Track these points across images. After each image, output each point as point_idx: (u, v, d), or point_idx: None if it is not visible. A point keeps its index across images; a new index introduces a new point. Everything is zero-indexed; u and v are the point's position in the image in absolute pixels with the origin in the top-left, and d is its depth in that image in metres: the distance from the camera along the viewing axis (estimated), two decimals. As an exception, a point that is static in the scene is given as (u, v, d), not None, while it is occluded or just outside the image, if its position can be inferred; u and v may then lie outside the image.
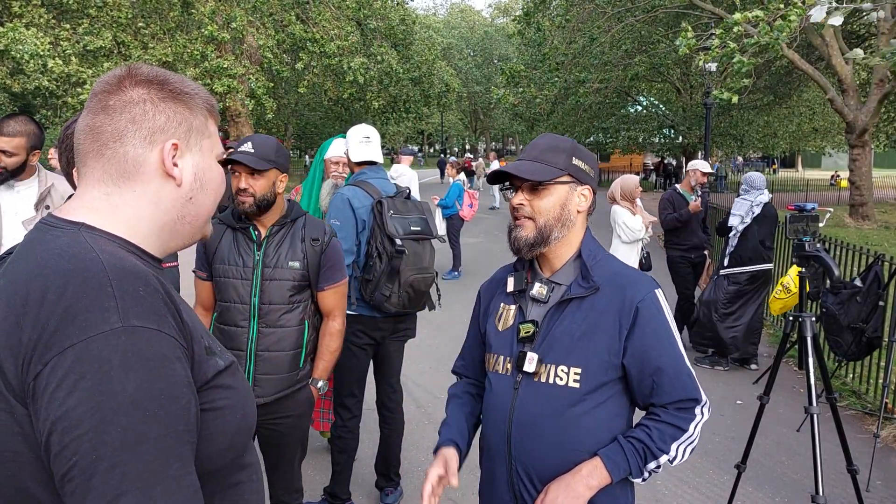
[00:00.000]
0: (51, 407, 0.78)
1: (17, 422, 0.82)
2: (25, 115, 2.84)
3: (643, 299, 1.55)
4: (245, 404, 0.99)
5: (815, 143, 34.29)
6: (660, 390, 1.56)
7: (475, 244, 12.95)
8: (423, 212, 3.23)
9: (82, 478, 0.77)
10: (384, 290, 3.05)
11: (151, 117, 0.95)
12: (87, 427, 0.77)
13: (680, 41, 10.86)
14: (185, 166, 0.99)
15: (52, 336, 0.79)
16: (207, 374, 0.93)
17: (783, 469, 4.01)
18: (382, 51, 20.16)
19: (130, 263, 0.89)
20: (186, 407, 0.85)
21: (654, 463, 1.56)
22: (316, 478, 3.73)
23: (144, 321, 0.83)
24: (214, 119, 1.05)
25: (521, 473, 1.60)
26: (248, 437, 1.02)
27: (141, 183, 0.95)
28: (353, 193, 3.13)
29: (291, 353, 2.49)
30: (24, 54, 13.14)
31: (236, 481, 1.01)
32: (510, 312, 1.68)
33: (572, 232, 1.62)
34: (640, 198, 5.87)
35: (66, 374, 0.78)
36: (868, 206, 15.75)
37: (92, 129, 0.95)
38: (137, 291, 0.85)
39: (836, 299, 4.34)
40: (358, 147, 3.30)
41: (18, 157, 2.79)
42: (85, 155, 0.96)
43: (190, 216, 1.01)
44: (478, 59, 51.61)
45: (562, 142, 1.64)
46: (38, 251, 0.89)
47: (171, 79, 0.99)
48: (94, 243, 0.89)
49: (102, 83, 0.97)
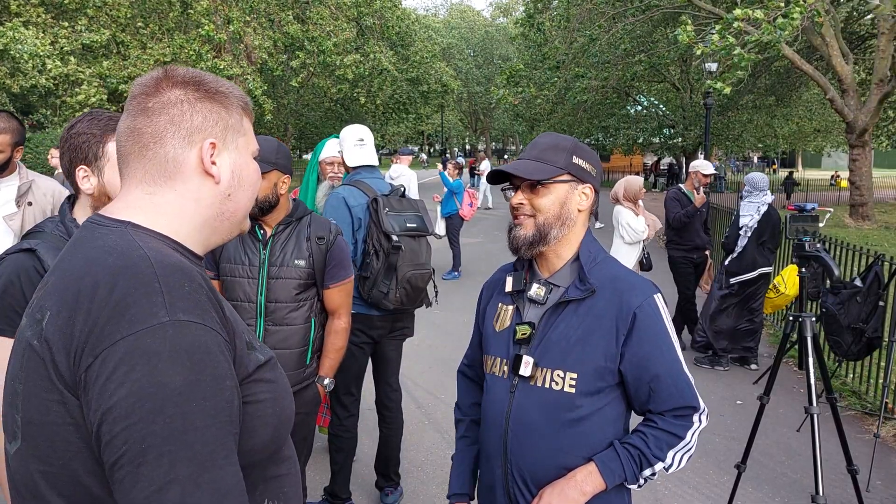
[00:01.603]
0: (102, 398, 0.81)
1: (70, 412, 0.85)
2: (6, 112, 2.82)
3: (641, 305, 1.53)
4: (284, 398, 1.02)
5: (814, 143, 34.30)
6: (657, 397, 1.54)
7: (475, 244, 12.94)
8: (418, 209, 3.25)
9: (131, 466, 0.80)
10: (382, 286, 3.08)
11: (189, 117, 0.98)
12: (136, 417, 0.80)
13: (679, 31, 10.86)
14: (223, 164, 1.01)
15: (103, 330, 0.83)
16: (249, 367, 0.95)
17: (783, 469, 4.01)
18: (376, 49, 20.17)
19: (176, 259, 0.92)
20: (230, 399, 0.87)
21: (649, 470, 1.55)
22: (316, 478, 3.73)
23: (190, 315, 0.86)
24: (249, 117, 1.08)
25: (516, 477, 1.59)
26: (288, 430, 1.04)
27: (181, 182, 0.98)
28: (348, 193, 3.15)
29: (298, 350, 2.51)
30: (24, 54, 13.14)
31: (276, 474, 1.03)
32: (507, 313, 1.67)
33: (572, 231, 1.60)
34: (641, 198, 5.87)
35: (117, 366, 0.81)
36: (868, 206, 15.75)
37: (133, 131, 0.98)
38: (183, 287, 0.88)
39: (836, 299, 4.34)
40: (353, 151, 3.32)
41: (3, 154, 2.77)
42: (127, 156, 0.99)
43: (229, 213, 1.04)
44: (478, 60, 51.56)
45: (562, 140, 1.62)
46: (87, 248, 0.93)
47: (207, 79, 1.02)
48: (141, 241, 0.92)
49: (140, 86, 0.99)
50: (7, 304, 1.59)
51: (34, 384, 0.88)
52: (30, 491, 0.90)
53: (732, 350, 5.83)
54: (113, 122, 1.69)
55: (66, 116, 15.94)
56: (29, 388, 0.89)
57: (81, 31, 15.53)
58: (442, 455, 4.08)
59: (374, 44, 20.36)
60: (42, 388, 0.87)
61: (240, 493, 0.86)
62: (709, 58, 11.67)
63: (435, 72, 24.58)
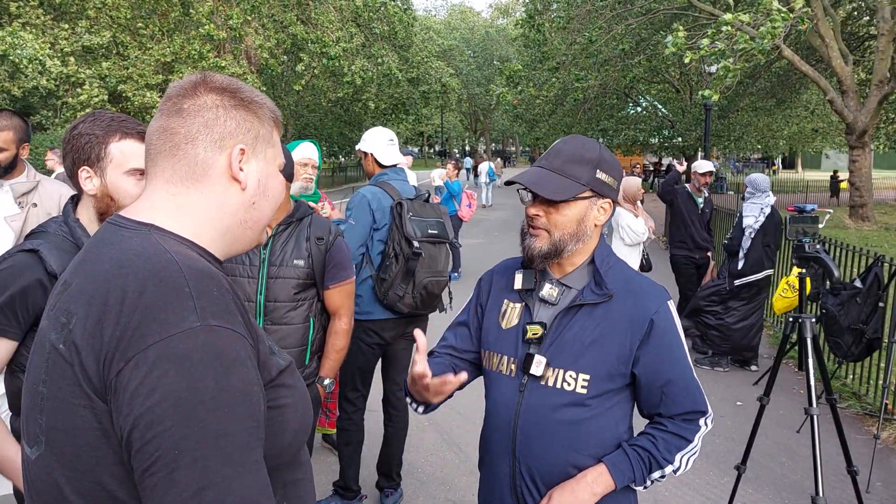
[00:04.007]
0: (133, 403, 0.80)
1: (97, 417, 0.84)
2: (8, 110, 2.82)
3: (658, 311, 1.54)
4: (304, 402, 1.03)
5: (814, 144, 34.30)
6: (669, 402, 1.56)
7: (475, 245, 12.95)
8: (440, 215, 3.29)
9: (165, 472, 0.79)
10: (398, 290, 3.11)
11: (223, 122, 0.98)
12: (169, 423, 0.79)
13: (670, 39, 10.87)
14: (251, 172, 1.01)
15: (134, 334, 0.82)
16: (272, 372, 0.96)
17: (783, 470, 4.01)
18: (383, 53, 20.17)
19: (203, 264, 0.92)
20: (257, 404, 0.87)
21: (658, 472, 1.56)
22: (317, 478, 3.73)
23: (220, 321, 0.86)
24: (279, 130, 1.09)
25: (524, 475, 1.59)
26: (306, 435, 1.04)
27: (208, 185, 0.99)
28: (373, 194, 3.19)
29: (296, 349, 2.53)
30: (23, 59, 13.14)
31: (294, 478, 1.03)
32: (515, 311, 1.64)
33: (587, 244, 1.59)
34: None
35: (149, 372, 0.81)
36: (868, 207, 15.75)
37: (165, 130, 0.98)
38: (212, 292, 0.88)
39: (836, 300, 4.35)
40: (386, 149, 3.37)
41: (9, 152, 2.77)
42: (156, 155, 0.99)
43: (252, 221, 1.04)
44: (478, 60, 51.60)
45: (588, 151, 1.55)
46: (112, 251, 0.92)
47: (243, 88, 1.03)
48: (167, 245, 0.92)
49: (178, 87, 1.00)
50: (7, 304, 1.59)
51: (60, 388, 0.87)
52: (52, 496, 0.89)
53: (732, 351, 5.84)
54: (115, 122, 1.69)
55: (67, 118, 15.92)
56: (54, 393, 0.88)
57: (82, 32, 15.52)
58: (442, 456, 4.09)
59: (381, 48, 20.37)
60: (69, 392, 0.86)
61: (269, 498, 0.86)
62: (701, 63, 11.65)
63: (434, 71, 24.58)
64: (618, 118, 25.04)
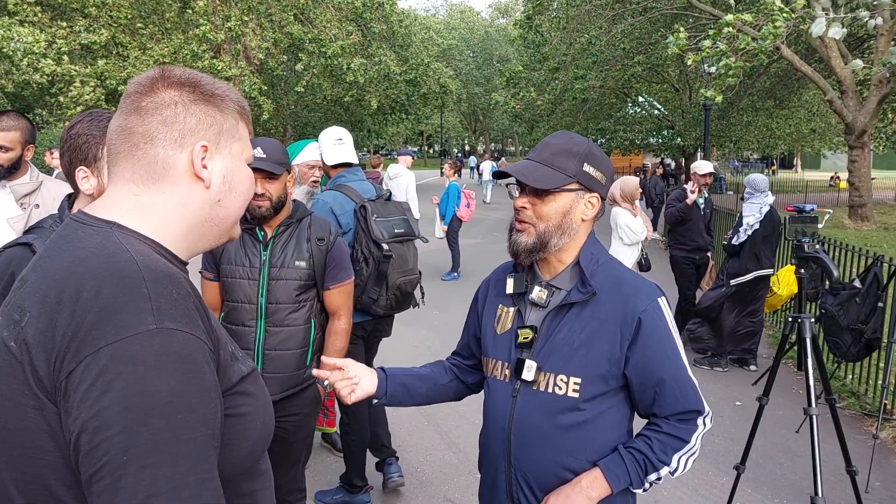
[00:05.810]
0: (83, 405, 0.77)
1: (46, 419, 0.81)
2: (15, 111, 2.82)
3: (645, 310, 1.51)
4: (265, 412, 0.99)
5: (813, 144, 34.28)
6: (662, 402, 1.53)
7: (474, 245, 12.94)
8: (403, 212, 3.28)
9: (112, 478, 0.76)
10: (372, 293, 3.12)
11: (182, 119, 0.95)
12: (119, 427, 0.76)
13: (671, 40, 10.86)
14: (214, 168, 0.98)
15: (87, 334, 0.79)
16: (232, 379, 0.93)
17: (782, 470, 4.01)
18: (381, 52, 20.16)
19: (164, 265, 0.90)
20: (214, 411, 0.85)
21: (655, 475, 1.54)
22: (315, 478, 3.73)
23: (178, 324, 0.83)
24: (245, 121, 1.05)
25: (520, 481, 1.58)
26: (266, 445, 1.01)
27: (170, 185, 0.95)
28: (334, 199, 3.15)
29: (298, 351, 2.52)
30: (18, 52, 13.11)
31: (251, 489, 1.00)
32: (508, 315, 1.64)
33: (574, 239, 1.56)
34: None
35: (101, 373, 0.78)
36: (867, 207, 15.75)
37: (123, 130, 0.95)
38: (171, 294, 0.85)
39: (835, 300, 4.35)
40: (332, 149, 3.32)
41: (14, 153, 2.77)
42: (116, 155, 0.96)
43: (217, 218, 1.01)
44: (478, 60, 51.63)
45: (576, 145, 1.55)
46: (71, 248, 0.89)
47: (203, 81, 0.99)
48: (127, 243, 0.90)
49: (135, 84, 0.97)
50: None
51: (10, 388, 0.84)
52: None
53: (732, 351, 5.85)
54: None
55: (62, 116, 15.91)
56: (3, 392, 0.84)
57: (80, 31, 15.51)
58: (441, 456, 4.08)
59: (378, 46, 20.36)
60: (18, 392, 0.83)
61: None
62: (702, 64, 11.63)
63: (433, 72, 24.57)
64: (617, 118, 25.05)
